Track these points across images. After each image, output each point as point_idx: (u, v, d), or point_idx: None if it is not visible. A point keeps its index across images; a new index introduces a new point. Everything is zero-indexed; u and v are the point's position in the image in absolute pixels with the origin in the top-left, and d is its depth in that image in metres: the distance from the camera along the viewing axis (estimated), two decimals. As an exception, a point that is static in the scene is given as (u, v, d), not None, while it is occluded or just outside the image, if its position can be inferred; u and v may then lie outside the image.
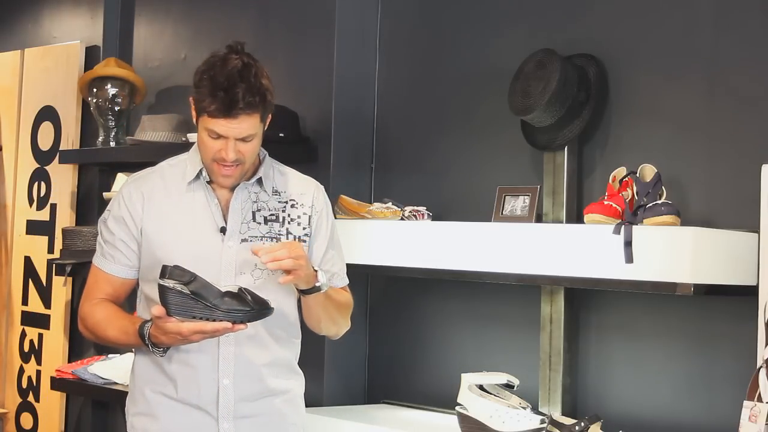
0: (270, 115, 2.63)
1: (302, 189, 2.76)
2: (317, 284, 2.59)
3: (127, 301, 2.78)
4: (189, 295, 2.44)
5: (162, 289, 2.45)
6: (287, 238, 2.68)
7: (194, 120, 2.63)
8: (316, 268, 2.59)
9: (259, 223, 2.67)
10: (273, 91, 2.59)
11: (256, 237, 2.66)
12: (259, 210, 2.68)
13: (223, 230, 2.65)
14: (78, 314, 2.74)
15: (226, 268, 2.62)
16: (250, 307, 2.46)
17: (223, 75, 2.50)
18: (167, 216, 2.67)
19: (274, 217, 2.69)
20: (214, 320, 2.44)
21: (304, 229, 2.71)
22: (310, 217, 2.73)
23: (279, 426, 2.70)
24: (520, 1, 3.48)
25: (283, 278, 2.51)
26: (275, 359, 2.68)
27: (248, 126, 2.54)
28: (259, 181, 2.70)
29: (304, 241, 2.71)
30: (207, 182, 2.67)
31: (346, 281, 2.82)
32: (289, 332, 2.72)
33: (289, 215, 2.71)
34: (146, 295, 2.69)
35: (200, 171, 2.68)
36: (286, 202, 2.72)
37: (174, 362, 2.63)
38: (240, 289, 2.49)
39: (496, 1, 3.55)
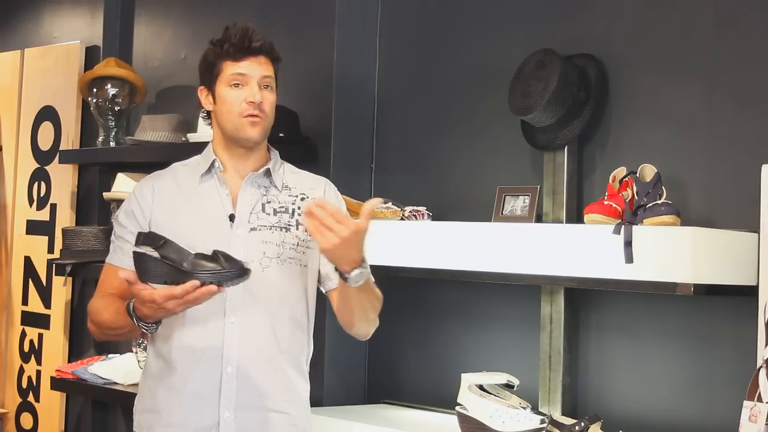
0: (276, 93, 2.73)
1: (312, 185, 2.79)
2: (351, 274, 2.51)
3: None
4: (159, 259, 2.41)
5: (135, 256, 2.44)
6: (297, 230, 2.69)
7: (209, 97, 2.71)
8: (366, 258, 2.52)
9: (269, 214, 2.69)
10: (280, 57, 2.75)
11: (265, 226, 2.67)
12: (269, 202, 2.71)
13: (231, 218, 2.66)
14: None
15: (234, 255, 2.62)
16: (222, 268, 2.40)
17: (237, 28, 2.69)
18: (177, 207, 2.70)
19: (283, 209, 2.71)
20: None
21: None
22: None
23: (280, 424, 2.69)
24: (519, 1, 3.48)
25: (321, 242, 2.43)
26: (281, 352, 2.68)
27: (267, 66, 2.69)
28: (268, 174, 2.72)
29: None
30: (219, 172, 2.70)
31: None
32: (297, 326, 2.71)
33: (299, 207, 2.72)
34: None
35: (213, 162, 2.71)
36: (297, 196, 2.74)
37: (178, 350, 2.64)
38: (214, 251, 2.45)
39: (496, 1, 3.55)
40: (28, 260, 4.88)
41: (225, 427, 2.62)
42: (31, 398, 4.82)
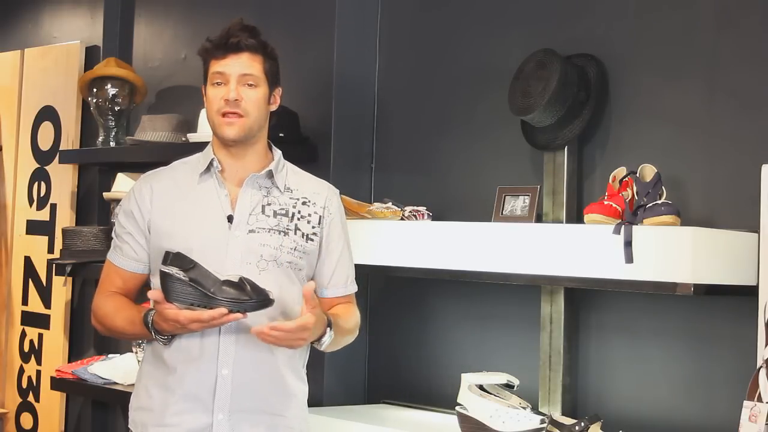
0: (278, 88, 2.75)
1: (316, 189, 2.79)
2: (322, 341, 2.66)
3: (140, 296, 2.79)
4: (187, 282, 2.46)
5: (162, 275, 2.48)
6: (295, 234, 2.70)
7: (204, 94, 2.72)
8: (329, 324, 2.64)
9: (268, 216, 2.69)
10: (276, 54, 2.73)
11: (264, 228, 2.67)
12: (269, 204, 2.71)
13: (230, 219, 2.66)
14: (91, 307, 2.77)
15: (232, 257, 2.63)
16: (249, 297, 2.47)
17: (227, 26, 2.70)
18: (176, 207, 2.70)
19: (283, 212, 2.71)
20: (211, 308, 2.45)
21: (313, 227, 2.73)
22: (321, 217, 2.75)
23: (275, 426, 2.69)
24: (520, 1, 3.48)
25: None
26: (277, 355, 2.68)
27: (249, 63, 2.66)
28: (270, 175, 2.72)
29: (312, 240, 2.72)
30: (218, 171, 2.70)
31: (355, 288, 2.84)
32: None
33: (299, 212, 2.72)
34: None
35: (211, 161, 2.71)
36: (298, 200, 2.74)
37: (175, 351, 2.65)
38: (240, 278, 2.50)
39: (497, 1, 3.55)
40: (28, 260, 4.88)
41: (218, 429, 2.63)
42: (31, 398, 4.82)
